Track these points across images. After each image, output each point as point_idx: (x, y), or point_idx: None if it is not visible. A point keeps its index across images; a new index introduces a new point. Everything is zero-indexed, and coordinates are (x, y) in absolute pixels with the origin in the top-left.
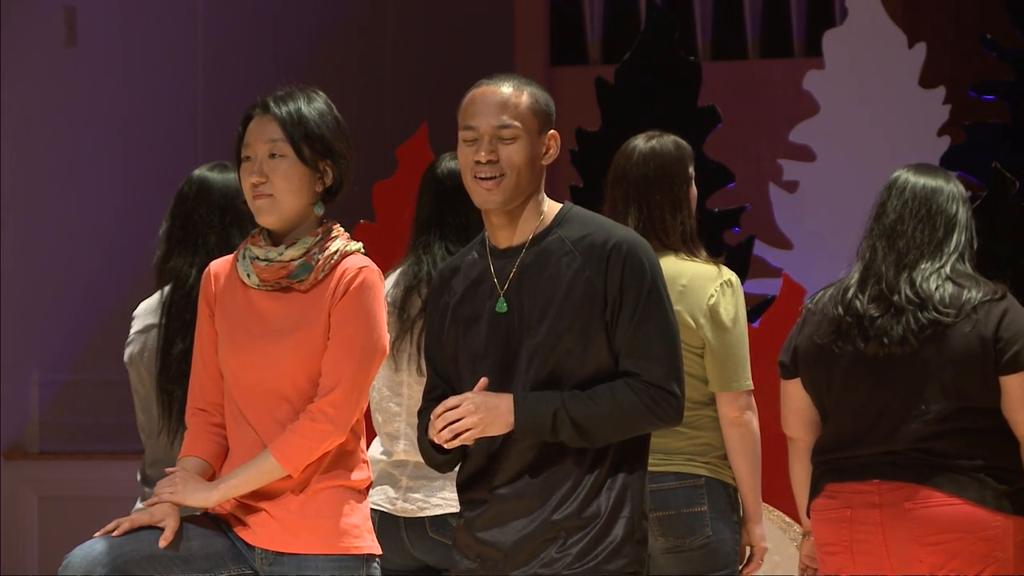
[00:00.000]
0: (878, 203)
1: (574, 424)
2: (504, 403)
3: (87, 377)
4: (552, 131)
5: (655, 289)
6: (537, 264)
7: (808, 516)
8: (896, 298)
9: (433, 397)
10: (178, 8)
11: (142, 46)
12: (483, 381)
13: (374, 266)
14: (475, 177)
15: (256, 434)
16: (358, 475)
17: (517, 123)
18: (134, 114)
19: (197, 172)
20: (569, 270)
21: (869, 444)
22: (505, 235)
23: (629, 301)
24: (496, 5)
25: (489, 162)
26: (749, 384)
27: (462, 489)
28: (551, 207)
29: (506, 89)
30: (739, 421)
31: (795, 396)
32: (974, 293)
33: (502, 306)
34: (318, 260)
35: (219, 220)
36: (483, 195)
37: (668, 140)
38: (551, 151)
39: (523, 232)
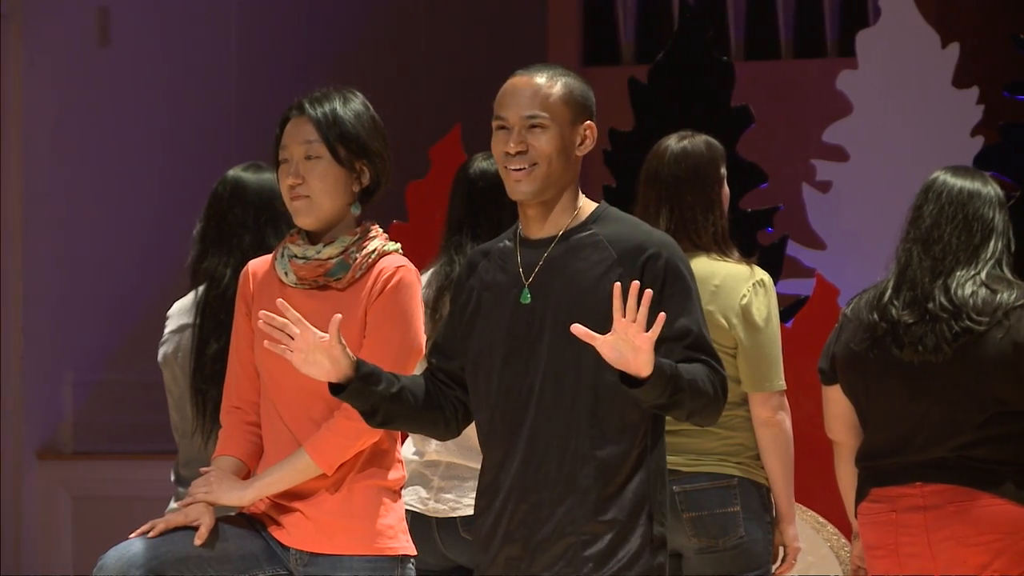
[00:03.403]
0: (914, 206)
1: (689, 383)
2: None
3: (121, 377)
4: (588, 122)
5: (695, 291)
6: (566, 257)
7: (856, 519)
8: (931, 305)
9: (426, 371)
10: (212, 7)
11: (176, 46)
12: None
13: (411, 266)
14: (506, 168)
15: (291, 432)
16: (393, 475)
17: (546, 113)
18: (168, 114)
19: (231, 172)
20: (601, 266)
21: (910, 452)
22: (537, 226)
23: (669, 301)
24: (529, 5)
25: (519, 153)
26: (782, 384)
27: (481, 490)
28: (586, 204)
29: (538, 79)
30: (772, 421)
31: (837, 401)
32: (1006, 297)
33: (526, 297)
34: (355, 259)
35: (254, 220)
36: (513, 185)
37: (700, 140)
38: (586, 142)
39: (556, 224)
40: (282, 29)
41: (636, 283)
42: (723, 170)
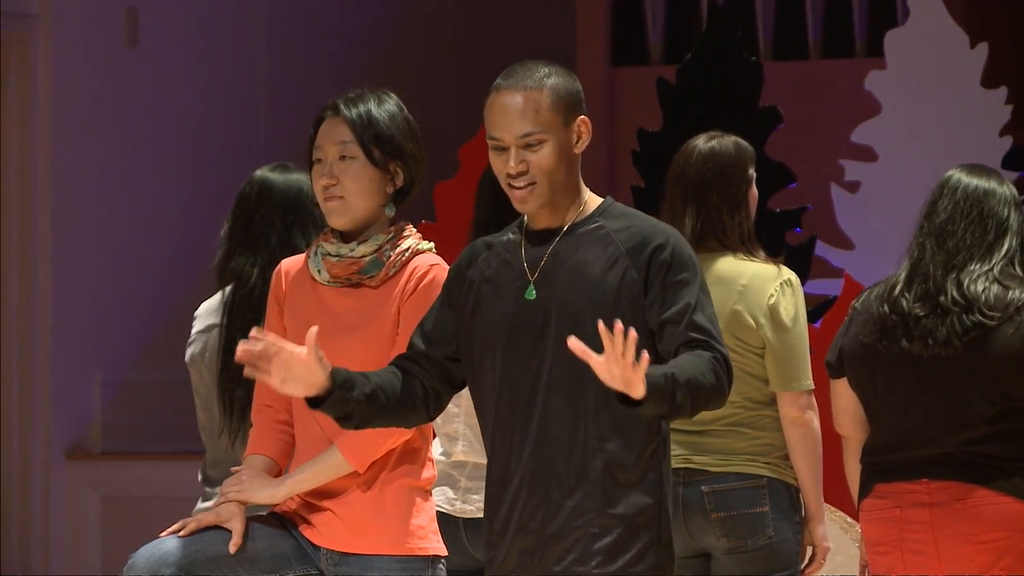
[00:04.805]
0: (929, 201)
1: (687, 385)
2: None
3: (149, 377)
4: (581, 117)
5: (700, 278)
6: (571, 250)
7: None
8: (942, 299)
9: (402, 357)
10: (240, 8)
11: (204, 46)
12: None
13: (445, 265)
14: (509, 186)
15: (322, 430)
16: (425, 474)
17: (540, 128)
18: (196, 115)
19: (258, 173)
20: (608, 259)
21: (916, 446)
22: (543, 219)
23: (672, 286)
24: (557, 5)
25: (520, 173)
26: (810, 384)
27: (491, 484)
28: (592, 198)
29: (525, 92)
30: (800, 421)
31: (844, 395)
32: (1018, 294)
33: (531, 294)
34: (389, 257)
35: (281, 220)
36: (519, 203)
37: (728, 141)
38: (583, 138)
39: (562, 218)
40: (310, 30)
41: (619, 324)
42: (751, 171)
